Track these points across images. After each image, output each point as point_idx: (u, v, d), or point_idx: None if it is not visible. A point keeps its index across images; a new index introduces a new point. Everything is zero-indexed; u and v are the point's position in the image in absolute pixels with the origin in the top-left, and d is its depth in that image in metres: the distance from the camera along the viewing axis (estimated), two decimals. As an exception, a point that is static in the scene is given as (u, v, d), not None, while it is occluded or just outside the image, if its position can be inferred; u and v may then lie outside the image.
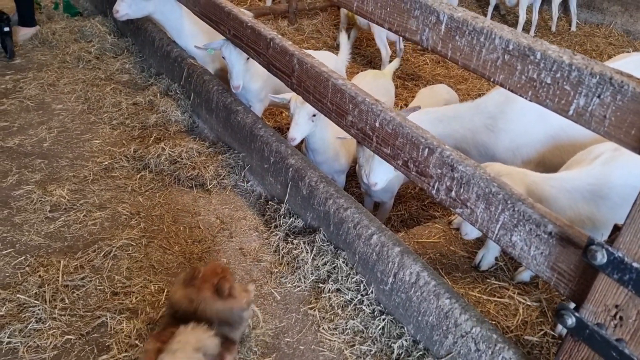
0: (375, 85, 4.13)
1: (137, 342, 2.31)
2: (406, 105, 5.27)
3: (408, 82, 6.21)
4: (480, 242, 3.31)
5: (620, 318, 1.62)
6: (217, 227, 3.08)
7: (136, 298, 2.54)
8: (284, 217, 3.10)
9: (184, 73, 4.10)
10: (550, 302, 2.88)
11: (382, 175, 2.88)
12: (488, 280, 3.03)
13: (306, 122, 3.32)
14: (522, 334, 2.70)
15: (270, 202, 3.26)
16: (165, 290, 2.61)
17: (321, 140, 3.55)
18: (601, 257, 1.57)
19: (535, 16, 7.24)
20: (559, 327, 2.69)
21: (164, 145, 3.49)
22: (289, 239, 2.98)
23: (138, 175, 3.37)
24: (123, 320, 2.40)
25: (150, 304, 2.52)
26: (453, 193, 2.12)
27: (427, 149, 2.19)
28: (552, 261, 1.81)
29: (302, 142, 3.60)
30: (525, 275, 2.99)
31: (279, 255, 2.91)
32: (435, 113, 3.17)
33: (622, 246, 1.55)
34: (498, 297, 2.91)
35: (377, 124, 2.41)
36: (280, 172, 3.18)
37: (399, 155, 2.34)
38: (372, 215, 2.74)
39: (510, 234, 1.94)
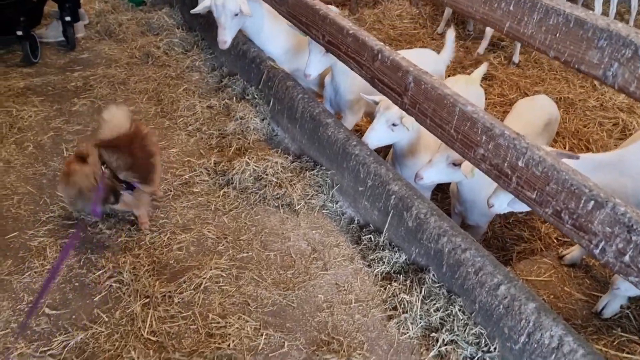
0: (468, 94, 3.79)
1: (240, 399, 2.07)
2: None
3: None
4: (599, 284, 2.97)
5: None
6: (309, 255, 2.82)
7: (233, 342, 2.30)
8: (383, 249, 2.81)
9: (263, 76, 3.82)
10: (692, 364, 2.53)
11: (503, 202, 2.56)
12: (614, 331, 2.69)
13: (384, 130, 3.05)
14: (662, 402, 2.37)
15: (364, 229, 2.98)
16: (263, 333, 2.36)
17: (409, 152, 3.26)
18: None
19: (613, 9, 6.64)
20: None
21: (248, 159, 3.22)
22: (392, 274, 2.70)
23: (221, 192, 3.12)
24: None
25: (249, 350, 2.28)
26: (627, 258, 1.79)
27: (592, 202, 1.85)
28: None
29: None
30: (658, 328, 2.64)
31: (381, 293, 2.63)
32: (593, 161, 2.67)
33: None
34: (627, 353, 2.58)
35: (520, 163, 2.08)
36: (379, 198, 2.88)
37: (549, 202, 2.00)
38: (496, 259, 2.42)
39: None
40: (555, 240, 3.76)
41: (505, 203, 2.63)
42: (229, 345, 2.28)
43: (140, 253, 2.66)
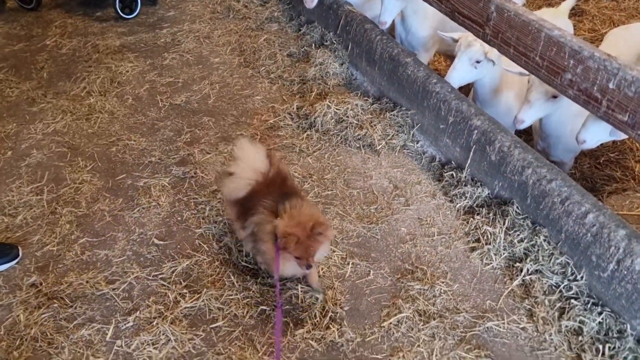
0: (555, 27, 3.61)
1: (329, 320, 2.23)
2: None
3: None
4: (699, 218, 2.82)
5: None
6: (391, 192, 2.89)
7: (322, 269, 2.45)
8: (465, 185, 2.83)
9: (341, 21, 3.84)
10: None
11: (595, 135, 2.47)
12: None
13: (466, 68, 2.99)
14: None
15: (446, 166, 3.00)
16: (349, 262, 2.50)
17: (491, 91, 3.19)
18: None
19: None
20: None
21: (329, 102, 3.31)
22: (474, 208, 2.73)
23: (304, 135, 3.25)
24: (313, 294, 2.33)
25: (337, 277, 2.43)
26: None
27: (690, 120, 1.77)
28: None
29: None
30: None
31: (463, 226, 2.67)
32: None
33: None
34: None
35: (611, 85, 2.01)
36: (460, 134, 2.88)
37: (642, 124, 1.93)
38: (583, 189, 2.38)
39: None
40: (651, 180, 3.58)
41: (596, 136, 2.53)
42: (318, 272, 2.44)
43: (233, 191, 2.87)
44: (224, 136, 3.27)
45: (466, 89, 3.64)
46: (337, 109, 3.28)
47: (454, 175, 2.90)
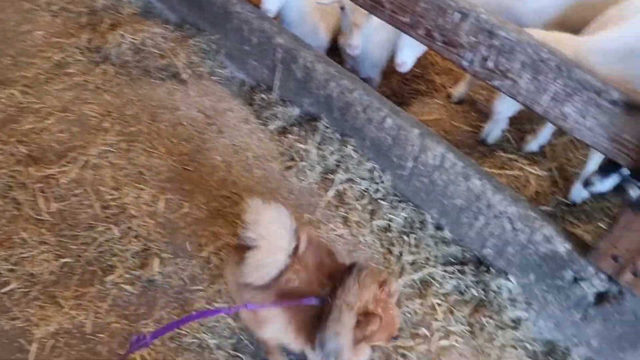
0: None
1: (143, 260, 2.08)
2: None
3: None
4: (483, 115, 3.15)
5: (696, 187, 1.50)
6: (202, 122, 2.75)
7: (131, 210, 2.26)
8: (275, 106, 2.79)
9: (128, -58, 3.44)
10: (561, 170, 2.81)
11: (409, 54, 2.54)
12: (496, 153, 2.91)
13: None
14: (536, 205, 2.65)
15: (255, 89, 2.92)
16: (161, 198, 2.33)
17: (297, 12, 3.14)
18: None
19: None
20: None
21: (123, 31, 2.98)
22: (287, 128, 2.71)
23: (98, 70, 2.90)
24: (124, 236, 2.15)
25: (149, 215, 2.26)
26: (490, 63, 1.87)
27: (458, 14, 1.88)
28: (614, 132, 1.64)
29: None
30: (533, 144, 2.87)
31: (277, 147, 2.65)
32: None
33: None
34: (508, 170, 2.82)
35: (391, -12, 2.06)
36: (266, 54, 2.80)
37: (420, 23, 2.02)
38: (382, 96, 2.48)
39: (561, 105, 1.74)
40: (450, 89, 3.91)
41: (411, 55, 2.60)
42: (127, 213, 2.24)
43: (12, 140, 2.47)
44: (0, 79, 2.79)
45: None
46: (133, 38, 2.97)
47: (264, 97, 2.84)
